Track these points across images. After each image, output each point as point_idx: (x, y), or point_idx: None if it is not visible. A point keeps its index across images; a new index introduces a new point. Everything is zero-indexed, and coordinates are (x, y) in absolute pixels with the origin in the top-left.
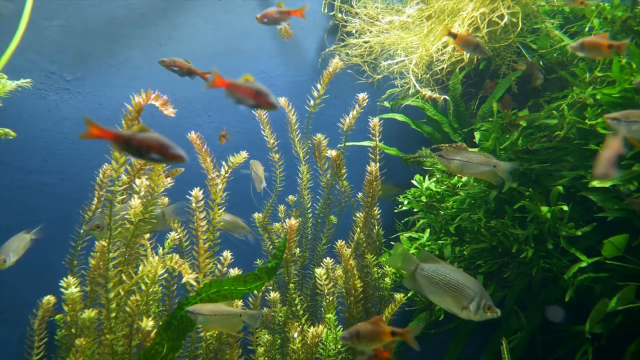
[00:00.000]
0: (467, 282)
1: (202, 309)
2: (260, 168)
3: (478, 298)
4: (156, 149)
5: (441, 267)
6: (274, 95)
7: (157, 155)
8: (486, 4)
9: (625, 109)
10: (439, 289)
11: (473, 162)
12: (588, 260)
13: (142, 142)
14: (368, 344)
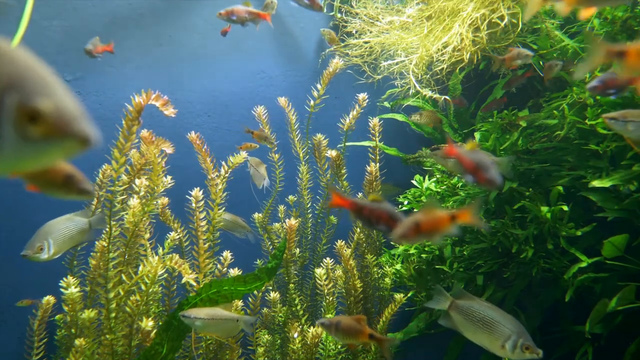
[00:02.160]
0: (503, 320)
1: (198, 313)
2: (261, 165)
3: (515, 337)
4: (385, 219)
5: (476, 304)
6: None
7: (384, 227)
8: (486, 5)
9: (625, 109)
10: (474, 325)
11: None
12: (588, 260)
13: (372, 212)
14: (344, 337)
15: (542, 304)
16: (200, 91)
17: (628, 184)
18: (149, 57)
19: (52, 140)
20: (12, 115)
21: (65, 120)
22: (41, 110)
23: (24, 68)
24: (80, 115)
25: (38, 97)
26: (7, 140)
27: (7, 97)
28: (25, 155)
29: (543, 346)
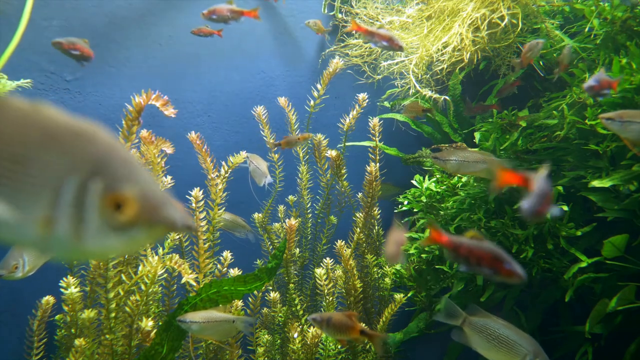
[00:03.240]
0: (519, 339)
1: (194, 317)
2: (262, 163)
3: (531, 356)
4: (488, 261)
5: (491, 321)
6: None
7: (488, 270)
8: (486, 5)
9: (625, 109)
10: (488, 343)
11: (469, 160)
12: (588, 260)
13: (471, 251)
14: (335, 333)
15: (542, 304)
16: (200, 91)
17: (628, 184)
18: (149, 57)
19: (139, 228)
20: (97, 203)
21: (152, 207)
22: (128, 197)
23: (107, 150)
24: (166, 201)
25: (123, 183)
26: (91, 228)
27: (91, 183)
28: (110, 243)
29: (543, 346)
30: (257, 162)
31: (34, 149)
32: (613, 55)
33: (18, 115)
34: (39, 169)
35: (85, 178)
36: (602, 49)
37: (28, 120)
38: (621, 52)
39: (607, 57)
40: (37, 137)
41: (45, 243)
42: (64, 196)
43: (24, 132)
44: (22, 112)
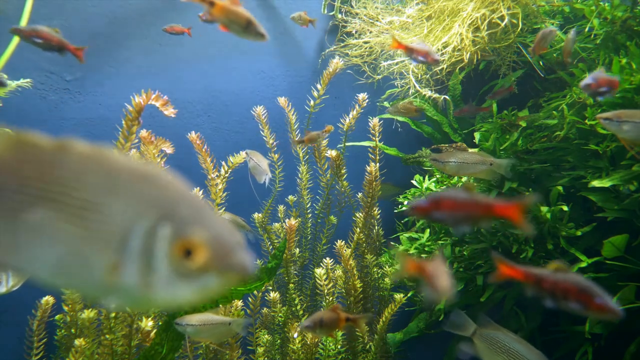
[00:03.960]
0: (529, 354)
1: (190, 320)
2: (262, 159)
3: None
4: (574, 294)
5: (501, 334)
6: None
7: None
8: (486, 5)
9: (626, 109)
10: (498, 357)
11: (468, 162)
12: (588, 260)
13: (556, 285)
14: (327, 331)
15: (542, 304)
16: (200, 91)
17: (628, 184)
18: (149, 57)
19: (210, 275)
20: (166, 249)
21: (224, 253)
22: (198, 242)
23: (174, 193)
24: (237, 244)
25: (193, 227)
26: (160, 277)
27: (160, 228)
28: (179, 292)
29: (543, 346)
30: (257, 158)
31: (99, 194)
32: (613, 55)
33: (81, 159)
34: (105, 214)
35: (153, 223)
36: (602, 49)
37: (92, 164)
38: (621, 52)
39: (607, 57)
40: (102, 181)
41: (110, 291)
42: (131, 242)
43: (88, 177)
44: (85, 155)
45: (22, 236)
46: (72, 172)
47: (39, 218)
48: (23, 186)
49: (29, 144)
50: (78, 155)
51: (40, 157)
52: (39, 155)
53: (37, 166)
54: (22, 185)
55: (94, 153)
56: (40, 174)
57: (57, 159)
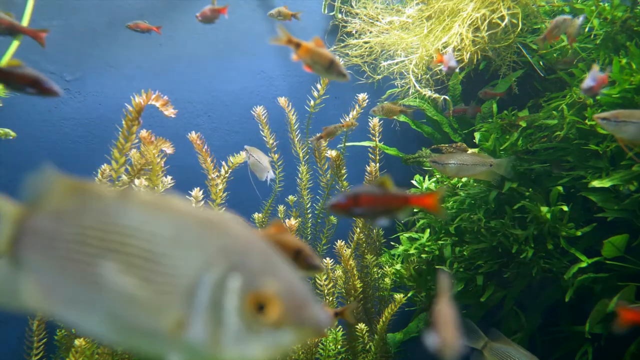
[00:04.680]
0: None
1: None
2: (263, 156)
3: None
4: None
5: (512, 349)
6: None
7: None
8: (486, 5)
9: (625, 109)
10: None
11: (468, 163)
12: (588, 260)
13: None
14: None
15: (542, 304)
16: (200, 91)
17: (628, 184)
18: (149, 57)
19: (283, 331)
20: (236, 303)
21: (298, 306)
22: (271, 296)
23: (243, 242)
24: (310, 297)
25: (264, 279)
26: (230, 332)
27: (229, 280)
28: (250, 350)
29: (543, 346)
30: (258, 155)
31: (164, 245)
32: (613, 55)
33: (144, 208)
34: (170, 265)
35: (222, 275)
36: (602, 49)
37: (155, 213)
38: (621, 52)
39: (607, 57)
40: (166, 231)
41: (175, 347)
42: (199, 296)
43: (151, 226)
44: (147, 204)
45: (80, 289)
46: (135, 222)
47: (99, 270)
48: (84, 236)
49: (89, 192)
50: (140, 204)
51: (101, 206)
52: (100, 204)
53: (98, 215)
54: (83, 235)
55: (156, 201)
56: (101, 224)
57: (119, 208)
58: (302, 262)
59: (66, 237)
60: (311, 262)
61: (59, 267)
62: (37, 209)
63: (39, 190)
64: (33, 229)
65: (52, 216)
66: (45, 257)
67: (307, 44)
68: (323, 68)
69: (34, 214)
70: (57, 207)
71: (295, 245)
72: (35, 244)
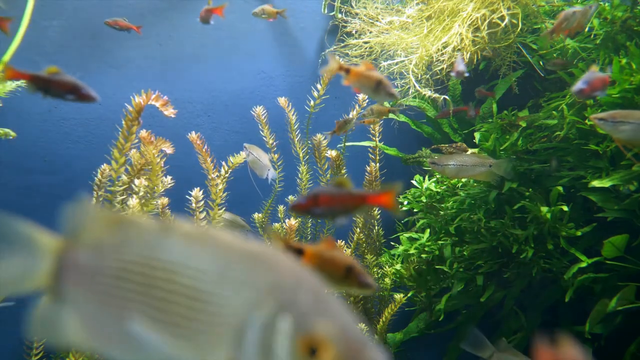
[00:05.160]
0: None
1: None
2: (263, 154)
3: None
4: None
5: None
6: None
7: None
8: (486, 5)
9: (625, 109)
10: None
11: (468, 164)
12: (588, 260)
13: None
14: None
15: (542, 304)
16: (200, 91)
17: (628, 184)
18: (149, 57)
19: None
20: (287, 347)
21: (354, 351)
22: (324, 339)
23: (294, 279)
24: (366, 340)
25: (317, 321)
26: None
27: (279, 321)
28: None
29: None
30: (257, 152)
31: (209, 281)
32: (613, 55)
33: (187, 242)
34: (217, 304)
35: (271, 315)
36: (602, 49)
37: (199, 247)
38: (621, 52)
39: (607, 57)
40: (211, 266)
41: None
42: (247, 337)
43: (196, 262)
44: (190, 237)
45: (121, 328)
46: (179, 257)
47: (142, 308)
48: (126, 271)
49: (130, 224)
50: (183, 237)
51: (142, 240)
52: (141, 237)
53: (140, 249)
54: (125, 270)
55: (199, 233)
56: (143, 258)
57: (161, 241)
58: (353, 280)
59: (108, 272)
60: (363, 280)
61: (101, 303)
62: (77, 242)
63: (78, 222)
64: (74, 262)
65: (92, 250)
66: (86, 292)
67: (356, 69)
68: (371, 90)
69: (74, 247)
70: (97, 240)
71: (346, 263)
72: (76, 278)
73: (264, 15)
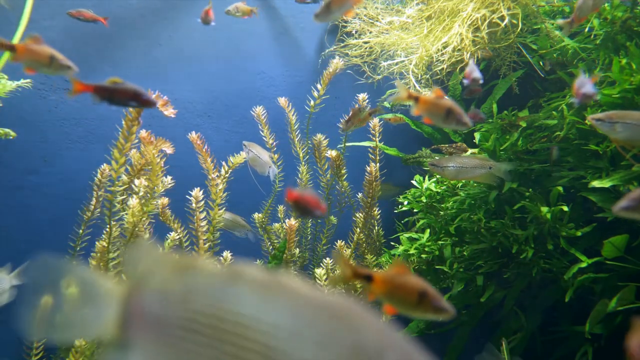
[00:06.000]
0: None
1: None
2: (263, 151)
3: None
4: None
5: None
6: None
7: None
8: (486, 5)
9: (625, 109)
10: None
11: (467, 166)
12: (588, 260)
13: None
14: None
15: (542, 305)
16: (200, 91)
17: (628, 184)
18: (149, 57)
19: None
20: None
21: None
22: None
23: (377, 336)
24: None
25: None
26: None
27: None
28: None
29: (543, 346)
30: (257, 150)
31: (283, 338)
32: (613, 55)
33: (258, 291)
34: None
35: None
36: (602, 49)
37: (271, 298)
38: (621, 52)
39: (607, 57)
40: (285, 320)
41: None
42: None
43: (268, 315)
44: (261, 286)
45: None
46: (250, 309)
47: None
48: (194, 322)
49: (197, 270)
50: (254, 286)
51: (210, 288)
52: (209, 284)
53: (208, 299)
54: (193, 321)
55: (271, 283)
56: (213, 309)
57: (231, 291)
58: (427, 306)
59: (175, 322)
60: (438, 304)
61: (168, 355)
62: (142, 288)
63: (143, 267)
64: (140, 310)
65: (158, 297)
66: (153, 341)
67: (425, 97)
68: (441, 119)
69: (140, 293)
70: (163, 287)
71: (419, 288)
72: (143, 327)
73: (238, 13)
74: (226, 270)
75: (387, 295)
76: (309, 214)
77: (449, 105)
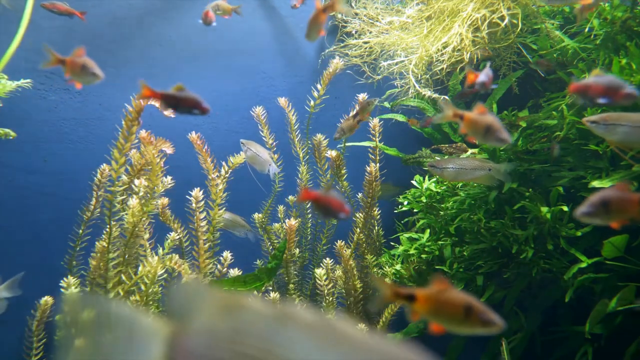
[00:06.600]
0: None
1: None
2: (262, 149)
3: None
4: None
5: None
6: None
7: None
8: (486, 5)
9: (625, 111)
10: None
11: (467, 168)
12: (588, 260)
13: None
14: None
15: (542, 305)
16: (200, 91)
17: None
18: (149, 57)
19: None
20: None
21: None
22: None
23: None
24: None
25: None
26: None
27: None
28: None
29: (543, 346)
30: (255, 148)
31: None
32: (613, 56)
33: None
34: None
35: None
36: (602, 49)
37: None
38: (621, 52)
39: (607, 57)
40: None
41: None
42: None
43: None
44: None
45: None
46: (300, 353)
47: None
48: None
49: (244, 310)
50: (303, 328)
51: (259, 329)
52: (257, 325)
53: (256, 341)
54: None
55: (321, 325)
56: (260, 352)
57: (279, 333)
58: (475, 320)
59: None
60: (486, 318)
61: None
62: (187, 327)
63: (189, 305)
64: (186, 350)
65: (205, 337)
66: None
67: (469, 114)
68: (481, 135)
69: (185, 332)
70: (209, 326)
71: (464, 302)
72: None
73: (219, 11)
74: (275, 310)
75: (431, 314)
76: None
77: (489, 122)
